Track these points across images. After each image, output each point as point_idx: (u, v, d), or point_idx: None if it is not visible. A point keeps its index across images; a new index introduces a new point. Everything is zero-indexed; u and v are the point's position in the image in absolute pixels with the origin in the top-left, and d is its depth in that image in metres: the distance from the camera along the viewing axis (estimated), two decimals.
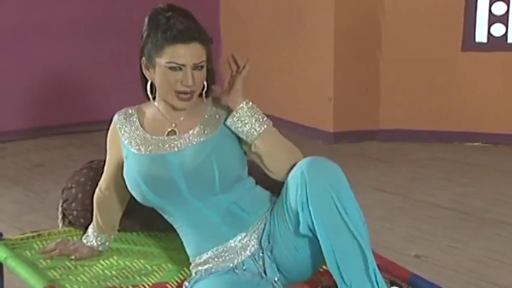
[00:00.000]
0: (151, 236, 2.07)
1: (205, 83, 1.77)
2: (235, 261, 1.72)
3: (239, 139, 1.78)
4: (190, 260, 1.79)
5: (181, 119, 1.77)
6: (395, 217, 3.33)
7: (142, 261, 1.91)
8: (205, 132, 1.75)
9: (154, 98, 1.80)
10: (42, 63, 4.77)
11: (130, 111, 1.82)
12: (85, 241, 1.94)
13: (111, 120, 1.85)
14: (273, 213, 1.75)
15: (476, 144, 4.63)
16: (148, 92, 1.78)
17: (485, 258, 2.88)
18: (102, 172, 1.99)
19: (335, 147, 4.58)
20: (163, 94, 1.75)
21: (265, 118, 1.78)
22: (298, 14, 4.84)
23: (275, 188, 1.81)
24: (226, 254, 1.73)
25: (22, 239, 2.03)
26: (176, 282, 1.81)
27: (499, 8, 4.53)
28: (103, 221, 1.92)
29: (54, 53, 4.78)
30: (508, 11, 4.52)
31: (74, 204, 2.06)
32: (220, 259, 1.73)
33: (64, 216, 2.12)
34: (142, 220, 2.07)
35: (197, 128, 1.76)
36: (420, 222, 3.28)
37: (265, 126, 1.76)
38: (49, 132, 4.78)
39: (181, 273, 1.85)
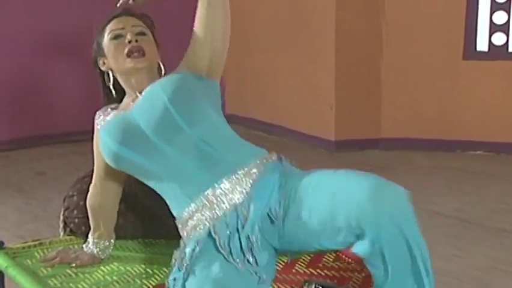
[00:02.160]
0: (151, 243, 2.07)
1: (161, 65, 1.80)
2: (217, 213, 1.59)
3: (193, 77, 1.74)
4: (177, 222, 1.69)
5: (144, 87, 1.78)
6: None
7: (142, 266, 1.91)
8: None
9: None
10: (44, 71, 4.79)
11: (108, 106, 1.87)
12: (85, 249, 1.94)
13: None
14: (288, 189, 1.59)
15: (478, 152, 4.62)
16: (110, 83, 1.83)
17: (488, 266, 2.87)
18: None
19: (336, 156, 4.58)
20: (119, 65, 1.79)
21: None
22: (299, 21, 4.86)
23: None
24: (207, 204, 1.61)
25: (23, 248, 2.02)
26: None
27: (500, 17, 4.54)
28: (98, 226, 1.92)
29: (56, 61, 4.80)
30: (508, 20, 4.53)
31: (75, 211, 2.07)
32: (202, 211, 1.61)
33: (65, 224, 2.12)
34: (143, 227, 2.07)
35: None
36: (423, 231, 3.25)
37: None
38: (51, 141, 4.79)
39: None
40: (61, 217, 2.13)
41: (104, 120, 1.82)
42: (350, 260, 1.94)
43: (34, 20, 4.71)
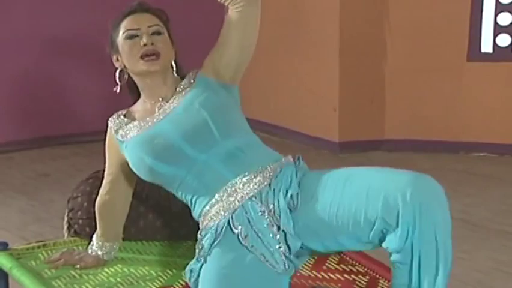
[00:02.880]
0: (155, 245, 2.08)
1: (173, 63, 1.80)
2: (236, 202, 1.64)
3: (219, 87, 1.77)
4: (199, 221, 1.72)
5: (165, 92, 1.80)
6: None
7: (146, 268, 1.92)
8: (184, 91, 1.77)
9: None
10: (47, 73, 4.80)
11: (120, 112, 1.88)
12: (89, 251, 1.94)
13: (107, 126, 1.89)
14: (307, 182, 1.65)
15: (481, 154, 4.62)
16: (117, 79, 1.83)
17: (492, 269, 2.86)
18: None
19: (340, 157, 4.58)
20: (132, 66, 1.78)
21: None
22: (303, 24, 4.86)
23: None
24: (228, 196, 1.66)
25: (27, 249, 2.03)
26: (181, 285, 1.81)
27: (505, 19, 4.53)
28: (106, 228, 1.92)
29: (59, 63, 4.80)
30: None
31: (79, 213, 2.07)
32: (222, 201, 1.66)
33: (70, 225, 2.12)
34: (146, 228, 2.07)
35: (177, 93, 1.78)
36: None
37: None
38: (54, 142, 4.80)
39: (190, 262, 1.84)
40: (65, 218, 2.13)
41: (124, 133, 1.80)
42: (354, 262, 1.94)
43: (37, 22, 4.71)
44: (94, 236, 1.95)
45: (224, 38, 1.77)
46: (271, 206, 1.63)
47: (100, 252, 1.93)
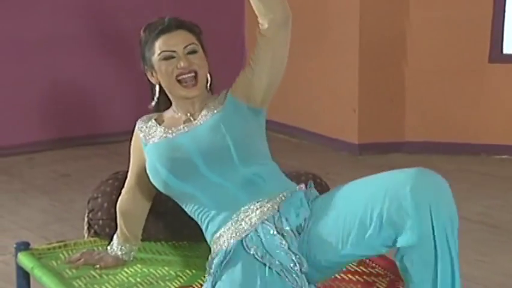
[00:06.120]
0: (174, 245, 2.09)
1: (208, 76, 1.80)
2: (250, 227, 1.66)
3: (249, 111, 1.77)
4: (210, 243, 1.74)
5: (195, 108, 1.81)
6: None
7: (166, 268, 1.93)
8: (212, 110, 1.78)
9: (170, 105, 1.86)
10: (68, 74, 4.83)
11: (152, 115, 1.89)
12: (109, 250, 1.96)
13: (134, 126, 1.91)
14: (316, 204, 1.69)
15: (503, 156, 4.57)
16: (155, 97, 1.84)
17: None
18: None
19: (360, 159, 4.55)
20: (169, 88, 1.80)
21: None
22: (323, 24, 4.85)
23: None
24: (241, 220, 1.67)
25: (49, 249, 2.05)
26: (200, 285, 1.82)
27: None
28: (126, 228, 1.94)
29: (81, 64, 4.84)
30: None
31: (99, 213, 2.08)
32: (235, 226, 1.67)
33: (90, 226, 2.14)
34: (166, 229, 2.08)
35: (205, 111, 1.79)
36: None
37: None
38: (75, 143, 4.83)
39: (205, 277, 1.85)
40: (86, 219, 2.15)
41: (148, 136, 1.82)
42: (374, 264, 1.93)
43: (58, 21, 4.74)
44: (115, 236, 1.97)
45: (254, 60, 1.76)
46: (282, 227, 1.65)
47: (119, 253, 1.95)
